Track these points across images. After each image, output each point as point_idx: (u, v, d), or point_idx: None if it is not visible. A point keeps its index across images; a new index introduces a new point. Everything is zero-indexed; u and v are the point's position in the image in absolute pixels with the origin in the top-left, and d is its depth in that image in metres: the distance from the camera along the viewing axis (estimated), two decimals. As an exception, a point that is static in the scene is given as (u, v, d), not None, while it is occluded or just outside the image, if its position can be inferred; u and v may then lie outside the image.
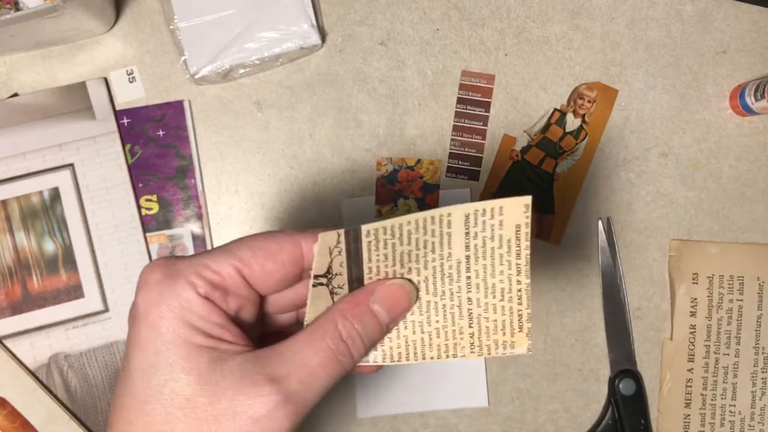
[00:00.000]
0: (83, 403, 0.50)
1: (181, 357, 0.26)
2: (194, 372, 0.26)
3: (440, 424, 0.52)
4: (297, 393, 0.26)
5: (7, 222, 0.50)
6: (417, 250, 0.30)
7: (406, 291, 0.30)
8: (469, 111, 0.53)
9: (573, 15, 0.53)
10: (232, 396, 0.25)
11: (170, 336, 0.26)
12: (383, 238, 0.29)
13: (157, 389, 0.26)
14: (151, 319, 0.27)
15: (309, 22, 0.50)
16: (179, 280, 0.27)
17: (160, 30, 0.52)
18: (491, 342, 0.31)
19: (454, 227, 0.29)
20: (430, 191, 0.52)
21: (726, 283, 0.52)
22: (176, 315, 0.26)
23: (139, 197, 0.51)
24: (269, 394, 0.25)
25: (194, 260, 0.28)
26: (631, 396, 0.51)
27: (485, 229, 0.30)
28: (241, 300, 0.29)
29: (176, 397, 0.26)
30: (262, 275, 0.29)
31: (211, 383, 0.26)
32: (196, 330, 0.27)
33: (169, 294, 0.27)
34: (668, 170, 0.53)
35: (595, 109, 0.53)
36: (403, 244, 0.30)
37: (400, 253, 0.30)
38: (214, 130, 0.52)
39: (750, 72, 0.53)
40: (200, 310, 0.27)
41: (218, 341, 0.27)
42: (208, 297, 0.27)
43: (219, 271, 0.28)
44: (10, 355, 0.49)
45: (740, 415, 0.51)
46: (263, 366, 0.26)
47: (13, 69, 0.51)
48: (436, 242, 0.30)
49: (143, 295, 0.27)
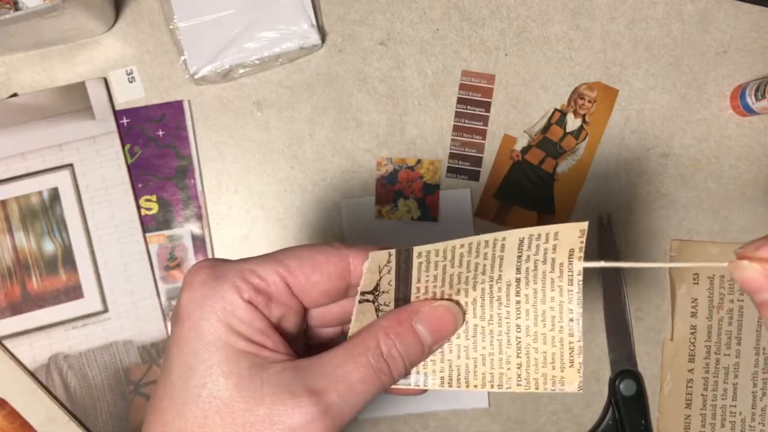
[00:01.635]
0: (83, 404, 0.50)
1: (221, 360, 0.26)
2: (234, 376, 0.26)
3: (440, 425, 0.52)
4: (335, 406, 0.26)
5: (6, 222, 0.50)
6: (467, 272, 0.29)
7: (453, 313, 0.30)
8: (470, 111, 0.52)
9: (573, 15, 0.53)
10: (270, 404, 0.25)
11: (211, 338, 0.26)
12: (434, 260, 0.29)
13: (195, 391, 0.26)
14: (193, 320, 0.26)
15: (309, 21, 0.50)
16: (224, 282, 0.27)
17: (160, 30, 0.52)
18: (539, 376, 0.30)
19: (507, 250, 0.29)
20: (431, 191, 0.52)
21: (726, 284, 0.52)
22: (219, 317, 0.26)
23: (138, 197, 0.51)
24: (308, 405, 0.25)
25: (240, 264, 0.28)
26: (631, 396, 0.51)
27: (538, 252, 0.29)
28: (284, 308, 0.28)
29: (214, 401, 0.25)
30: (306, 285, 0.28)
31: (250, 389, 0.25)
32: (238, 334, 0.26)
33: (213, 296, 0.27)
34: (669, 170, 0.53)
35: (596, 109, 0.53)
36: (455, 266, 0.29)
37: (450, 275, 0.29)
38: (213, 130, 0.52)
39: (750, 72, 0.53)
40: (243, 314, 0.27)
41: (260, 347, 0.27)
42: (252, 302, 0.27)
43: (264, 277, 0.27)
44: (9, 356, 0.49)
45: (741, 416, 0.51)
46: (303, 377, 0.26)
47: (12, 69, 0.51)
48: (487, 264, 0.29)
49: (187, 294, 0.27)
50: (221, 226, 0.52)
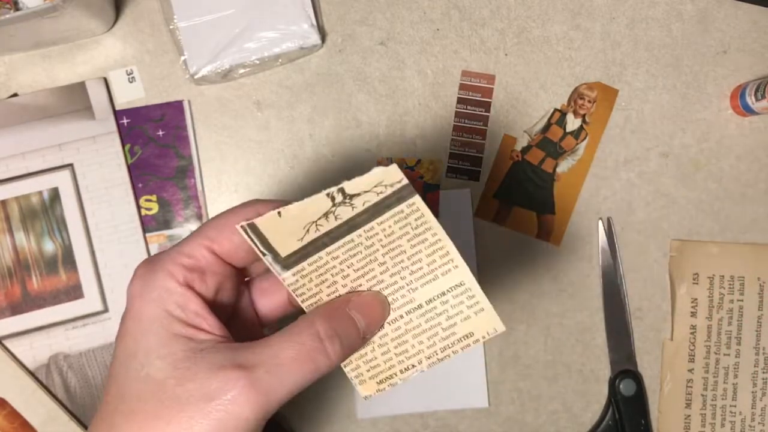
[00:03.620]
0: (83, 404, 0.50)
1: (158, 344, 0.27)
2: (169, 357, 0.27)
3: (440, 425, 0.52)
4: (263, 381, 0.26)
5: (6, 222, 0.50)
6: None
7: (380, 300, 0.31)
8: (470, 111, 0.52)
9: (573, 15, 0.53)
10: (201, 380, 0.26)
11: (149, 324, 0.28)
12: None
13: (134, 374, 0.27)
14: (134, 311, 0.28)
15: (309, 21, 0.50)
16: (158, 271, 0.29)
17: (160, 30, 0.52)
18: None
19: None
20: (431, 191, 0.52)
21: (726, 284, 0.52)
22: (156, 304, 0.28)
23: (138, 197, 0.51)
24: (234, 379, 0.26)
25: (171, 250, 0.29)
26: (631, 396, 0.51)
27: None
28: (218, 277, 0.30)
29: (150, 381, 0.27)
30: (231, 248, 0.30)
31: (183, 368, 0.27)
32: (174, 318, 0.28)
33: (150, 285, 0.28)
34: (669, 170, 0.53)
35: (596, 109, 0.53)
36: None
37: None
38: (213, 130, 0.52)
39: (751, 72, 0.53)
40: (179, 298, 0.28)
41: (195, 330, 0.28)
42: (187, 282, 0.29)
43: (192, 254, 0.29)
44: (9, 356, 0.49)
45: (741, 416, 0.51)
46: (234, 355, 0.27)
47: (12, 69, 0.51)
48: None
49: (129, 290, 0.29)
50: (221, 226, 0.52)
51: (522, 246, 0.53)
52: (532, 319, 0.52)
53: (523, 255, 0.52)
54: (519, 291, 0.52)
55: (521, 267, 0.53)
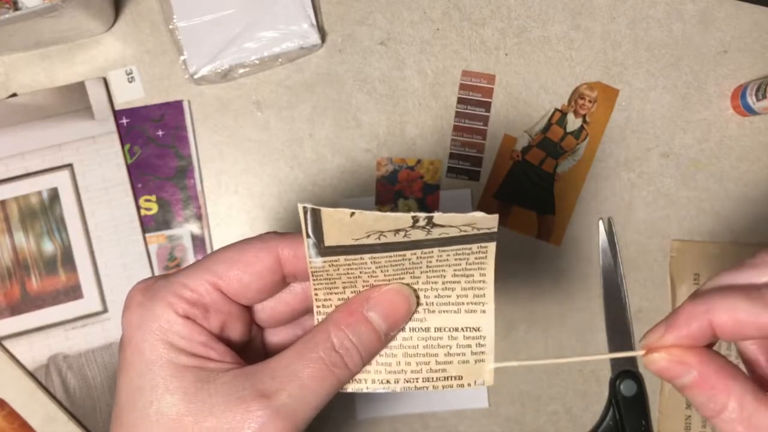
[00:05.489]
0: (82, 404, 0.50)
1: (165, 377, 0.25)
2: (180, 392, 0.25)
3: (440, 425, 0.52)
4: (287, 407, 0.25)
5: (6, 222, 0.50)
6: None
7: (405, 295, 0.29)
8: (470, 111, 0.52)
9: (574, 15, 0.53)
10: (219, 414, 0.25)
11: (153, 357, 0.26)
12: None
13: (142, 411, 0.25)
14: (134, 343, 0.26)
15: (309, 21, 0.50)
16: (157, 301, 0.26)
17: (160, 30, 0.52)
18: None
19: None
20: (431, 191, 0.52)
21: (727, 284, 0.52)
22: (157, 336, 0.26)
23: (138, 197, 0.51)
24: (258, 409, 0.24)
25: (172, 279, 0.27)
26: (632, 397, 0.51)
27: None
28: (223, 315, 0.28)
29: (162, 418, 0.25)
30: (239, 288, 0.28)
31: (197, 402, 0.25)
32: (179, 350, 0.26)
33: (149, 316, 0.26)
34: (669, 170, 0.53)
35: (596, 109, 0.53)
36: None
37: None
38: (213, 130, 0.52)
39: (751, 72, 0.53)
40: (181, 329, 0.26)
41: (204, 360, 0.26)
42: (188, 315, 0.27)
43: (195, 289, 0.27)
44: (8, 356, 0.49)
45: (741, 416, 0.51)
46: (252, 382, 0.25)
47: (12, 69, 0.51)
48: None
49: (126, 319, 0.27)
50: (221, 226, 0.52)
51: (522, 246, 0.52)
52: (532, 319, 0.52)
53: (523, 255, 0.52)
54: (519, 291, 0.52)
55: (521, 267, 0.52)
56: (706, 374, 0.25)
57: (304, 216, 0.26)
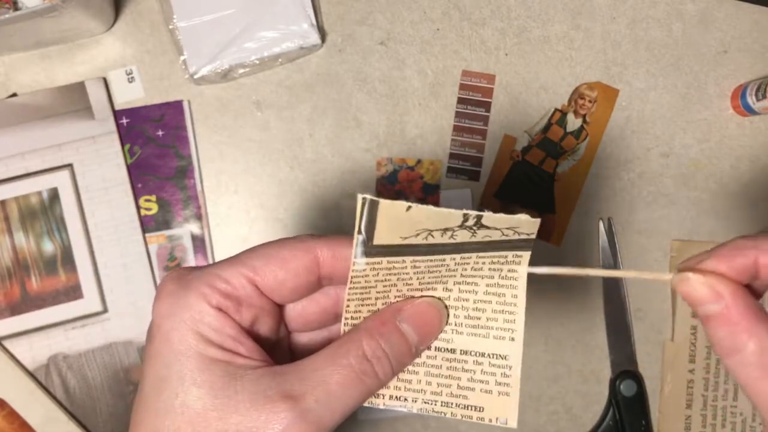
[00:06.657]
0: (82, 404, 0.50)
1: (193, 369, 0.25)
2: (206, 385, 0.25)
3: (441, 425, 0.52)
4: (313, 412, 0.24)
5: (5, 222, 0.50)
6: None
7: (436, 309, 0.28)
8: (470, 111, 0.52)
9: (574, 15, 0.53)
10: (244, 411, 0.24)
11: (182, 347, 0.25)
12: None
13: (168, 402, 0.25)
14: (163, 332, 0.26)
15: (309, 21, 0.50)
16: (191, 291, 0.26)
17: (160, 30, 0.52)
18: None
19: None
20: (431, 191, 0.52)
21: (727, 284, 0.52)
22: (188, 326, 0.26)
23: (138, 197, 0.51)
24: (283, 411, 0.24)
25: (206, 270, 0.27)
26: (632, 397, 0.51)
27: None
28: (255, 310, 0.28)
29: (187, 410, 0.25)
30: (274, 284, 0.27)
31: (224, 397, 0.25)
32: (209, 342, 0.26)
33: (181, 305, 0.26)
34: (669, 170, 0.53)
35: (596, 109, 0.53)
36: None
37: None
38: (213, 130, 0.52)
39: (751, 72, 0.53)
40: (213, 321, 0.26)
41: (232, 355, 0.26)
42: (221, 308, 0.26)
43: (230, 281, 0.27)
44: (8, 356, 0.49)
45: (741, 416, 0.51)
46: (279, 382, 0.25)
47: (11, 69, 0.51)
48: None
49: (157, 307, 0.27)
50: (221, 226, 0.52)
51: (522, 246, 0.52)
52: (533, 320, 0.52)
53: (524, 255, 0.52)
54: (519, 291, 0.52)
55: (521, 267, 0.52)
56: (734, 307, 0.24)
57: (362, 208, 0.26)
